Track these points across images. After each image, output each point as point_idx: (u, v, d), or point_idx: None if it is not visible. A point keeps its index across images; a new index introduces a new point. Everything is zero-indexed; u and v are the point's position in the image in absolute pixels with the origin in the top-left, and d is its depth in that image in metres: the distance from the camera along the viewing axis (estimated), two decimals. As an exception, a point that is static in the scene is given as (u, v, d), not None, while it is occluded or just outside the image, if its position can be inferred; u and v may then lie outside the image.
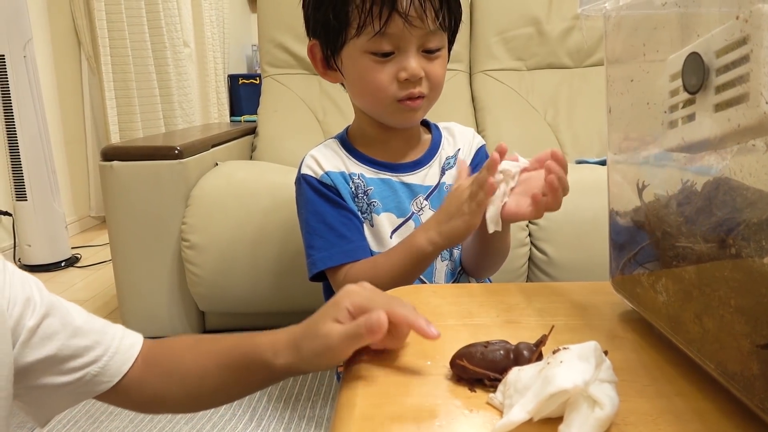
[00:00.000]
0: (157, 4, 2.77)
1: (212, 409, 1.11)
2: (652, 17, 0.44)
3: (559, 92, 1.94)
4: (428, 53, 0.75)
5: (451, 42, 0.80)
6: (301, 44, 1.91)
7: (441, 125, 0.88)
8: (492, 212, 0.66)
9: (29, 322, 0.46)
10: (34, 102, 2.05)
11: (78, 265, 2.15)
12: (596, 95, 1.91)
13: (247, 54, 4.83)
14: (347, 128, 0.87)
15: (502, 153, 0.66)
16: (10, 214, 2.14)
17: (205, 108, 3.58)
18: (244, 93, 4.22)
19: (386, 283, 0.73)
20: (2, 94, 2.01)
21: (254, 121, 1.97)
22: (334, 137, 0.86)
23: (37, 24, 2.29)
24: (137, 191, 1.34)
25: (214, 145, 1.55)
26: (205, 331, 1.46)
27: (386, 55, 0.73)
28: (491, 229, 0.66)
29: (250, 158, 1.86)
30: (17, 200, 2.08)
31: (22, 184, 2.06)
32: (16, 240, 2.14)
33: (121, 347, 0.51)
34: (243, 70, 4.65)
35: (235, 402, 1.13)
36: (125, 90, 2.61)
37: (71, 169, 2.62)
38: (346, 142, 0.84)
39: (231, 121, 3.94)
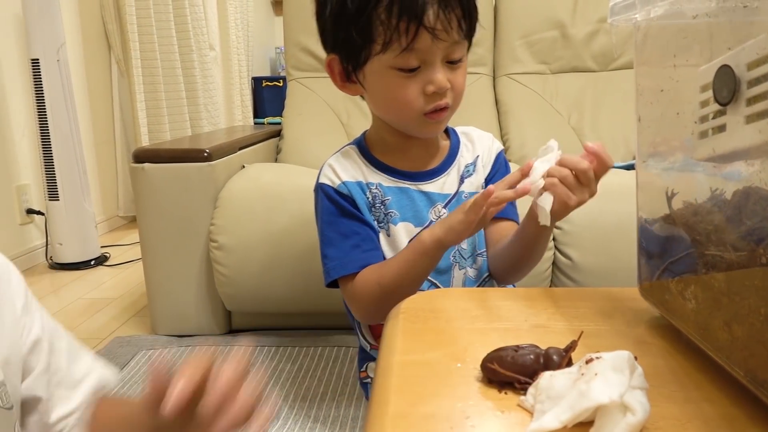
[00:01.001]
0: (185, 8, 2.82)
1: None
2: (683, 28, 0.44)
3: (583, 96, 1.93)
4: (451, 63, 0.74)
5: (468, 47, 0.79)
6: (326, 48, 1.93)
7: (459, 130, 0.88)
8: (545, 204, 0.64)
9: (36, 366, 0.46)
10: (66, 104, 2.11)
11: (107, 263, 2.20)
12: (621, 99, 1.90)
13: (270, 56, 4.88)
14: (365, 133, 0.87)
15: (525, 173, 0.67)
16: (42, 213, 2.20)
17: (230, 110, 3.63)
18: (267, 95, 4.27)
19: (393, 281, 0.75)
20: (36, 96, 2.07)
21: (277, 123, 2.00)
22: (352, 143, 0.86)
23: (70, 28, 2.36)
24: (167, 193, 1.38)
25: (241, 148, 1.58)
26: (232, 331, 1.49)
27: (413, 69, 0.73)
28: (542, 221, 0.64)
29: (275, 160, 1.89)
30: (49, 200, 2.14)
31: (55, 185, 2.12)
32: (48, 239, 2.20)
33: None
34: (266, 73, 4.70)
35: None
36: (153, 93, 2.66)
37: (100, 169, 2.68)
38: (364, 148, 0.84)
39: (255, 123, 4.00)
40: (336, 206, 0.80)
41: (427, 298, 0.59)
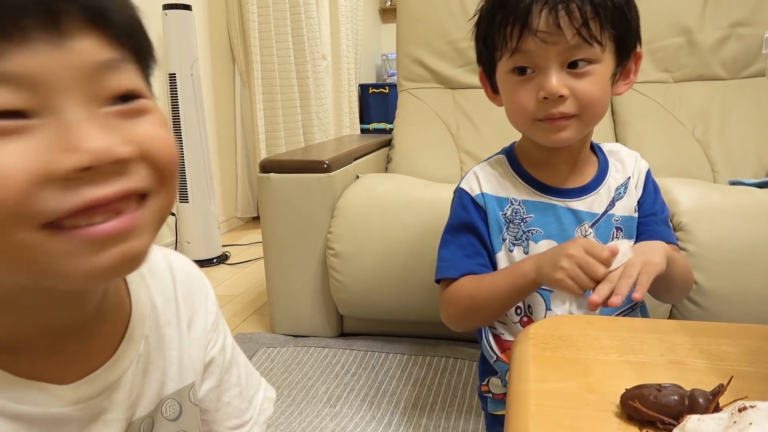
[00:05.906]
0: (301, 20, 2.97)
1: (354, 408, 1.19)
2: None
3: (710, 106, 1.81)
4: (574, 68, 0.72)
5: (622, 54, 0.75)
6: (436, 59, 1.97)
7: (605, 147, 0.86)
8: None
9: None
10: (197, 115, 2.30)
11: (228, 262, 2.38)
12: (754, 109, 1.77)
13: (376, 63, 5.00)
14: (515, 142, 0.87)
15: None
16: (173, 214, 2.41)
17: (338, 118, 3.77)
18: (373, 102, 4.39)
19: (484, 299, 0.78)
20: (172, 107, 2.27)
21: (382, 129, 2.05)
22: (502, 152, 0.86)
23: (201, 44, 2.56)
24: (289, 201, 1.47)
25: (355, 159, 1.65)
26: (343, 334, 1.56)
27: (524, 71, 0.74)
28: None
29: (386, 170, 1.94)
30: (180, 202, 2.34)
31: (185, 188, 2.32)
32: (177, 237, 2.40)
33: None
34: (372, 79, 4.83)
35: (374, 405, 1.20)
36: (271, 102, 2.83)
37: (222, 174, 2.89)
38: (513, 158, 0.84)
39: (361, 129, 4.12)
40: (466, 214, 0.82)
41: (555, 324, 0.60)
